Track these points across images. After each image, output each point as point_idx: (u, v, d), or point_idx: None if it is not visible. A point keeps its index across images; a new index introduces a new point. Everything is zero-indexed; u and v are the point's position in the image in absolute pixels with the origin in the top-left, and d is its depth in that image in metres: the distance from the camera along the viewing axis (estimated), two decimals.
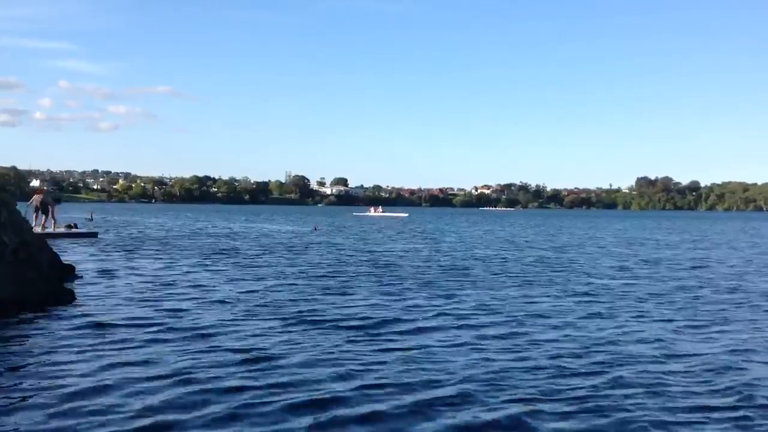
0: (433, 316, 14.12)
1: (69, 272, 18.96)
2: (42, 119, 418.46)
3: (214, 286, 18.31)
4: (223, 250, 32.42)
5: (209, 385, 8.58)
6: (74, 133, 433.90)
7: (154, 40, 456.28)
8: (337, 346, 10.93)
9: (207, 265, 24.53)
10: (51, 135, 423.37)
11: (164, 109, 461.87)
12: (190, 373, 9.12)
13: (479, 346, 11.15)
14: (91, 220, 70.33)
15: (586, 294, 18.23)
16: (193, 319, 13.05)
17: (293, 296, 16.66)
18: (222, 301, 15.53)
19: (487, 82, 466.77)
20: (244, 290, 17.59)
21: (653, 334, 12.52)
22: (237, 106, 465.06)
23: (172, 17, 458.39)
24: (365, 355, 10.44)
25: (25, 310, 13.19)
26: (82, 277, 19.25)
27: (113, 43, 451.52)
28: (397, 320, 13.50)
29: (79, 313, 13.45)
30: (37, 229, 33.09)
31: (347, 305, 15.32)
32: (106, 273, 20.93)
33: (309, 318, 13.48)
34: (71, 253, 26.97)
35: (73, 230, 40.10)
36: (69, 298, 14.88)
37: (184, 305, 14.81)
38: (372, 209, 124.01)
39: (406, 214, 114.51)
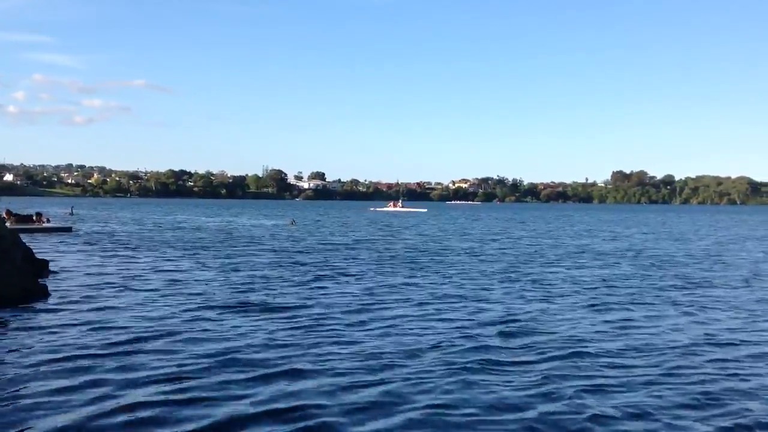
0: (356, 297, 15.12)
1: (43, 267, 19.38)
2: (16, 113, 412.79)
3: (182, 280, 18.90)
4: (195, 245, 32.96)
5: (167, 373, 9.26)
6: (48, 127, 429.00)
7: (130, 32, 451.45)
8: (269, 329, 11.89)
9: (177, 259, 25.11)
10: (25, 129, 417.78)
11: (140, 102, 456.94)
12: (154, 365, 9.76)
13: (390, 328, 12.58)
14: (72, 214, 70.09)
15: (509, 280, 20.24)
16: (160, 313, 13.60)
17: (249, 288, 17.55)
18: (188, 295, 16.12)
19: (464, 76, 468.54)
20: (208, 282, 18.32)
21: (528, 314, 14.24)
22: (214, 100, 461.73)
23: (148, 9, 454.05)
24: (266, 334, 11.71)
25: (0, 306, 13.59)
26: (56, 272, 19.69)
27: (88, 36, 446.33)
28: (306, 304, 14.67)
29: (53, 308, 13.92)
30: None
31: (291, 291, 16.29)
32: (80, 268, 21.35)
33: (270, 307, 14.24)
34: (45, 248, 27.39)
35: (48, 225, 40.49)
36: (43, 293, 15.28)
37: (153, 299, 15.38)
38: (391, 204, 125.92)
39: (425, 210, 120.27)
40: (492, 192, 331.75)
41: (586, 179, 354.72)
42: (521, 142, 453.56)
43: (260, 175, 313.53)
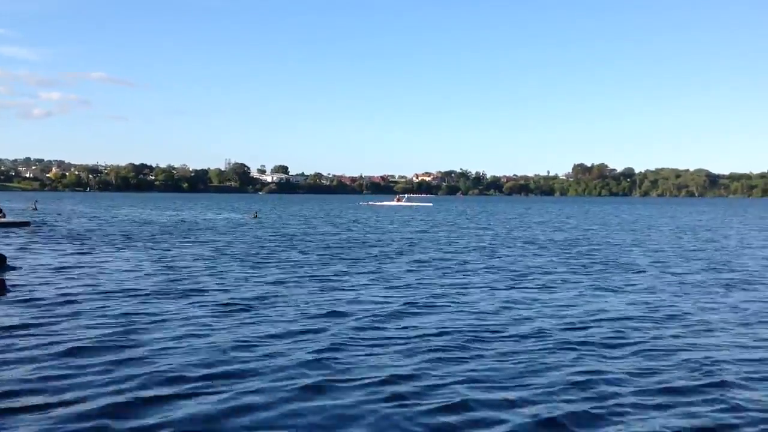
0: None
1: (1, 262, 19.22)
2: None
3: (140, 276, 19.06)
4: (152, 239, 33.08)
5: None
6: (6, 121, 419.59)
7: (89, 24, 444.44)
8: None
9: (135, 252, 25.19)
10: None
11: (99, 95, 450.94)
12: (110, 362, 10.03)
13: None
14: (35, 209, 68.47)
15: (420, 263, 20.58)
16: (117, 308, 13.78)
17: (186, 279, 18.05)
18: (145, 291, 16.29)
19: (428, 70, 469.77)
20: (166, 274, 18.62)
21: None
22: (175, 93, 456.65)
23: (108, 1, 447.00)
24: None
25: None
26: (14, 267, 19.56)
27: (46, 28, 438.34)
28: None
29: (10, 302, 14.03)
30: None
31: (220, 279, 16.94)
32: (38, 263, 21.40)
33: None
34: (3, 243, 27.06)
35: (6, 219, 39.83)
36: (0, 288, 15.27)
37: (111, 294, 15.55)
38: (396, 198, 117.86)
39: (431, 204, 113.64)
40: (455, 185, 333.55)
41: (548, 172, 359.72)
42: (484, 136, 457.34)
43: (223, 169, 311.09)
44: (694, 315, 13.86)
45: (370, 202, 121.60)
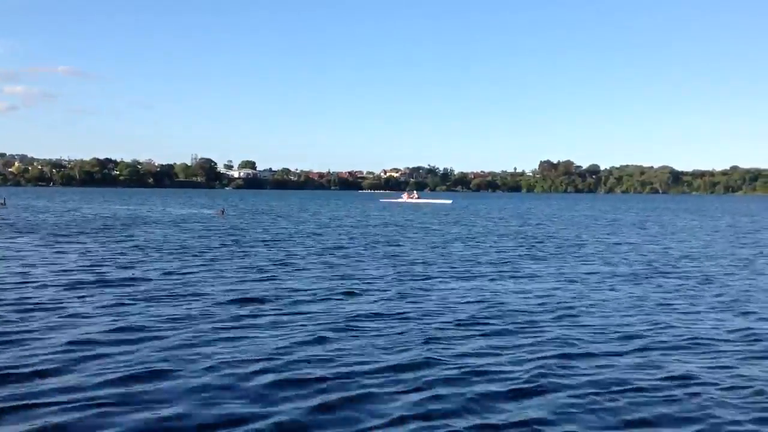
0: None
1: None
2: None
3: (101, 270, 19.38)
4: (120, 235, 33.16)
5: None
6: None
7: (54, 17, 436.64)
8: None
9: (96, 249, 25.45)
10: None
11: (64, 89, 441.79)
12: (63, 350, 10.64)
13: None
14: (4, 205, 66.06)
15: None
16: (82, 306, 14.06)
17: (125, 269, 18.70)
18: (112, 287, 16.74)
19: (396, 65, 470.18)
20: (132, 271, 18.98)
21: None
22: (142, 87, 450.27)
23: None
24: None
25: None
26: None
27: (10, 20, 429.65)
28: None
29: None
30: None
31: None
32: None
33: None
34: None
35: None
36: None
37: (69, 291, 15.71)
38: (405, 195, 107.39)
39: (450, 201, 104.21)
40: (423, 181, 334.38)
41: (515, 169, 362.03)
42: (451, 133, 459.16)
43: (189, 164, 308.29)
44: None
45: (382, 200, 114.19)
